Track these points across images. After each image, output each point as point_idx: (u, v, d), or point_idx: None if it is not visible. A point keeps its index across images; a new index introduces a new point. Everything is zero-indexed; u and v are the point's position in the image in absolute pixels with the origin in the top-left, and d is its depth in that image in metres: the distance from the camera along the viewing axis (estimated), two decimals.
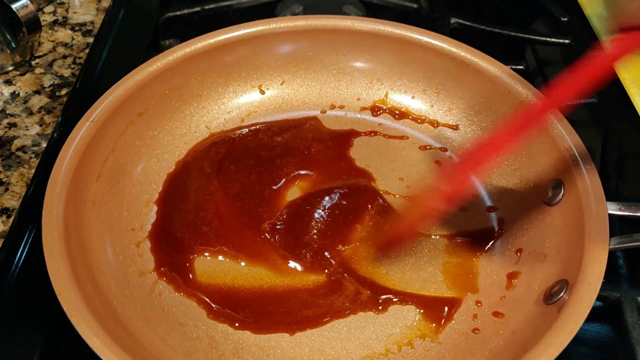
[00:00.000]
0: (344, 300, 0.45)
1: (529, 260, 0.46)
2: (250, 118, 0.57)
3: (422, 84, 0.57)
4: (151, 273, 0.46)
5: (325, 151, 0.54)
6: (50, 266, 0.39)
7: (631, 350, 0.42)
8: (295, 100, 0.58)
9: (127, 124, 0.51)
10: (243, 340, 0.43)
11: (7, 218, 0.49)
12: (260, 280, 0.46)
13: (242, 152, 0.54)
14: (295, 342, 0.43)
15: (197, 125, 0.55)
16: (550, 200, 0.47)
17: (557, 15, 0.68)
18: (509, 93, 0.51)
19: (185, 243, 0.48)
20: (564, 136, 0.47)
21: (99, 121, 0.48)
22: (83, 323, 0.37)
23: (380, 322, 0.44)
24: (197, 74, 0.55)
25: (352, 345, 0.43)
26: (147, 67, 0.52)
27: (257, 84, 0.58)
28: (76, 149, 0.46)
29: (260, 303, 0.45)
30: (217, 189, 0.51)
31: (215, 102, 0.57)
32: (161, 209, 0.50)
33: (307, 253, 0.47)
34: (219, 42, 0.54)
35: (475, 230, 0.49)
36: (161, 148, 0.53)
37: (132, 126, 0.51)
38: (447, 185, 0.43)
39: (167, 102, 0.54)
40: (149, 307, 0.44)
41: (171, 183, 0.52)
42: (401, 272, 0.47)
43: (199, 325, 0.44)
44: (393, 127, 0.56)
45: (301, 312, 0.44)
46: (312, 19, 0.56)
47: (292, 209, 0.49)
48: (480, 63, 0.53)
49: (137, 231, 0.48)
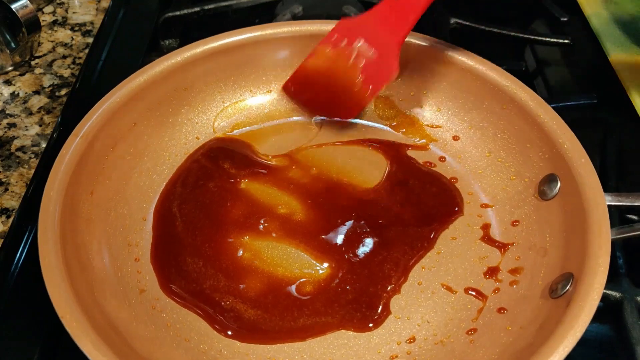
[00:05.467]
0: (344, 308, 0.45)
1: (530, 255, 0.46)
2: (242, 125, 0.57)
3: (412, 85, 0.56)
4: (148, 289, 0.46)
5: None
6: (49, 282, 0.39)
7: (631, 350, 0.42)
8: (290, 105, 0.58)
9: (117, 138, 0.50)
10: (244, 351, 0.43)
11: (7, 218, 0.49)
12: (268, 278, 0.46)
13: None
14: (302, 350, 0.43)
15: (186, 137, 0.55)
16: (546, 194, 0.47)
17: (556, 15, 0.68)
18: (497, 90, 0.52)
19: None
20: (556, 130, 0.47)
21: (88, 137, 0.47)
22: (84, 337, 0.36)
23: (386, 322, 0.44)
24: (185, 84, 0.54)
25: (355, 350, 0.43)
26: (134, 80, 0.51)
27: (253, 89, 0.57)
28: (67, 166, 0.45)
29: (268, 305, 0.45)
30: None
31: (209, 109, 0.56)
32: (156, 225, 0.49)
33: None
34: (212, 49, 0.54)
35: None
36: (153, 161, 0.52)
37: (122, 140, 0.50)
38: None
39: (156, 114, 0.53)
40: (146, 317, 0.43)
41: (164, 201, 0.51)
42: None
43: (191, 335, 0.43)
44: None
45: (308, 319, 0.44)
46: (307, 25, 0.55)
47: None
48: (467, 62, 0.53)
49: (133, 247, 0.48)
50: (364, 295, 0.45)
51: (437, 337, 0.43)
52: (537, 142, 0.49)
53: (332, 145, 0.55)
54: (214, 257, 0.47)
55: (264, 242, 0.48)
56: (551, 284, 0.42)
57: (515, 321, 0.42)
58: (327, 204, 0.50)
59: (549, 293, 0.42)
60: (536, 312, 0.42)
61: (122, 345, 0.39)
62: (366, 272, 0.46)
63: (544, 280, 0.43)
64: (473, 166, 0.53)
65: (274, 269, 0.47)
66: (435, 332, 0.44)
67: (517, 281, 0.45)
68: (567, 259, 0.43)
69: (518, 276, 0.45)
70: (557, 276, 0.42)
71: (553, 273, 0.43)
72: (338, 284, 0.46)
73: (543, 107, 0.49)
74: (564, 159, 0.46)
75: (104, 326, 0.39)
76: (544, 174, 0.48)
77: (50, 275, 0.39)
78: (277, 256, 0.47)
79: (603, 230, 0.41)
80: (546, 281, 0.43)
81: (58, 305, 0.38)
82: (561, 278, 0.42)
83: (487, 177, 0.52)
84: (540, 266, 0.45)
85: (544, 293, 0.42)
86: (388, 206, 0.50)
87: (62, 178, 0.44)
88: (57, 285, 0.39)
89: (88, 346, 0.36)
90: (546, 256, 0.45)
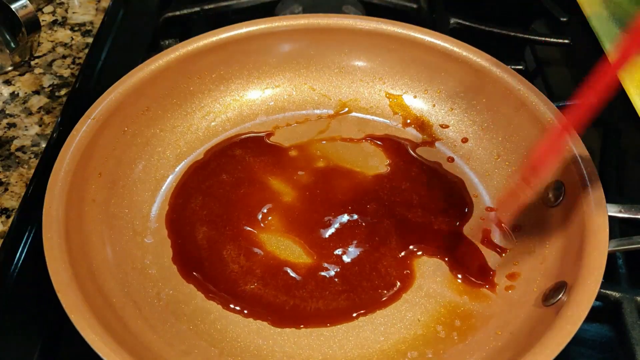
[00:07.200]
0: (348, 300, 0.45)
1: (528, 261, 0.46)
2: (251, 116, 0.57)
3: (424, 83, 0.57)
4: (152, 270, 0.46)
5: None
6: (50, 262, 0.39)
7: (631, 350, 0.42)
8: (296, 99, 0.58)
9: (129, 122, 0.51)
10: (242, 338, 0.43)
11: (7, 218, 0.49)
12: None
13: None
14: (297, 338, 0.43)
15: (198, 124, 0.55)
16: (550, 201, 0.47)
17: (556, 15, 0.68)
18: (510, 93, 0.51)
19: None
20: (565, 137, 0.47)
21: (100, 119, 0.48)
22: (82, 320, 0.37)
23: (379, 323, 0.44)
24: (198, 72, 0.55)
25: (349, 346, 0.43)
26: (149, 66, 0.52)
27: (258, 82, 0.58)
28: (77, 146, 0.46)
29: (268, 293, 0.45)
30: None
31: (217, 100, 0.57)
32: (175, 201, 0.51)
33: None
34: (220, 40, 0.54)
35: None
36: (162, 146, 0.53)
37: (133, 124, 0.51)
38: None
39: (168, 100, 0.54)
40: (148, 306, 0.44)
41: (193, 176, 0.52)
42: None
43: (198, 324, 0.44)
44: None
45: (309, 305, 0.45)
46: (313, 18, 0.56)
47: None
48: (483, 63, 0.53)
49: (137, 229, 0.48)
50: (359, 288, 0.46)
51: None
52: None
53: (340, 140, 0.56)
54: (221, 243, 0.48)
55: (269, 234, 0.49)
56: (545, 291, 0.42)
57: (506, 326, 0.42)
58: (330, 196, 0.51)
59: (542, 300, 0.42)
60: (527, 318, 0.42)
61: (115, 324, 0.40)
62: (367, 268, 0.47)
63: (539, 287, 0.43)
64: (481, 168, 0.53)
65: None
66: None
67: (512, 286, 0.45)
68: (563, 268, 0.42)
69: (514, 282, 0.45)
70: (552, 284, 0.42)
71: (549, 281, 0.43)
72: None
73: (555, 113, 0.49)
74: (570, 166, 0.46)
75: (99, 303, 0.40)
76: (550, 180, 0.48)
77: (51, 248, 0.40)
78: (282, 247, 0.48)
79: (601, 242, 0.41)
80: (541, 288, 0.43)
81: (55, 279, 0.38)
82: (555, 286, 0.42)
83: (494, 180, 0.52)
84: (537, 273, 0.44)
85: (537, 300, 0.42)
86: (395, 203, 0.51)
87: (73, 156, 0.45)
88: (55, 257, 0.40)
89: (80, 321, 0.37)
90: (544, 263, 0.45)
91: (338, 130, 0.56)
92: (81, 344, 0.36)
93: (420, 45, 0.55)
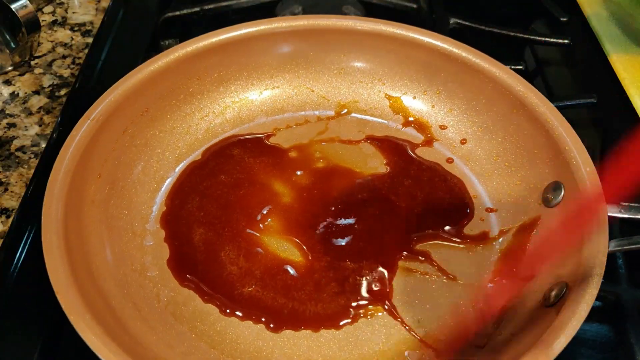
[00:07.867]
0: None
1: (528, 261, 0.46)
2: (251, 117, 0.57)
3: (424, 84, 0.57)
4: (152, 271, 0.46)
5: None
6: (49, 263, 0.39)
7: (631, 350, 0.42)
8: (296, 100, 0.58)
9: (128, 123, 0.51)
10: (242, 340, 0.43)
11: (7, 218, 0.49)
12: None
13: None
14: (297, 340, 0.43)
15: (197, 125, 0.56)
16: (550, 202, 0.47)
17: (556, 15, 0.68)
18: (509, 94, 0.51)
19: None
20: (564, 138, 0.47)
21: (100, 120, 0.48)
22: (82, 321, 0.37)
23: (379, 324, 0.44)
24: (197, 73, 0.55)
25: (349, 347, 0.43)
26: (148, 67, 0.52)
27: (257, 83, 0.58)
28: (77, 147, 0.46)
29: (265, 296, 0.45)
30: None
31: (216, 101, 0.57)
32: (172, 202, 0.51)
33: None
34: (220, 41, 0.54)
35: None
36: (162, 147, 0.53)
37: (132, 125, 0.51)
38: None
39: (167, 102, 0.54)
40: (147, 307, 0.44)
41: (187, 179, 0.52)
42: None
43: (197, 325, 0.44)
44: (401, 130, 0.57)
45: (308, 307, 0.45)
46: (313, 19, 0.56)
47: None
48: (482, 64, 0.53)
49: (137, 230, 0.48)
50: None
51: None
52: (545, 149, 0.48)
53: (340, 141, 0.56)
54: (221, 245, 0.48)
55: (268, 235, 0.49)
56: (545, 291, 0.42)
57: (506, 327, 0.42)
58: (329, 197, 0.51)
59: (542, 301, 0.42)
60: (527, 319, 0.42)
61: (114, 325, 0.40)
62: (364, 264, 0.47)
63: (541, 287, 0.43)
64: (480, 169, 0.53)
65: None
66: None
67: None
68: (563, 268, 0.42)
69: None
70: (552, 284, 0.42)
71: (549, 281, 0.43)
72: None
73: (554, 114, 0.48)
74: (569, 167, 0.46)
75: (98, 304, 0.40)
76: (549, 181, 0.48)
77: (50, 250, 0.40)
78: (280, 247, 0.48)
79: (601, 243, 0.41)
80: (542, 289, 0.43)
81: (54, 280, 0.38)
82: (555, 287, 0.41)
83: (493, 181, 0.52)
84: (537, 273, 0.44)
85: (538, 301, 0.42)
86: (395, 204, 0.51)
87: (73, 156, 0.45)
88: (54, 258, 0.39)
89: (80, 323, 0.36)
90: (544, 263, 0.45)
91: (337, 132, 0.56)
92: (81, 344, 0.36)
93: (419, 46, 0.54)
